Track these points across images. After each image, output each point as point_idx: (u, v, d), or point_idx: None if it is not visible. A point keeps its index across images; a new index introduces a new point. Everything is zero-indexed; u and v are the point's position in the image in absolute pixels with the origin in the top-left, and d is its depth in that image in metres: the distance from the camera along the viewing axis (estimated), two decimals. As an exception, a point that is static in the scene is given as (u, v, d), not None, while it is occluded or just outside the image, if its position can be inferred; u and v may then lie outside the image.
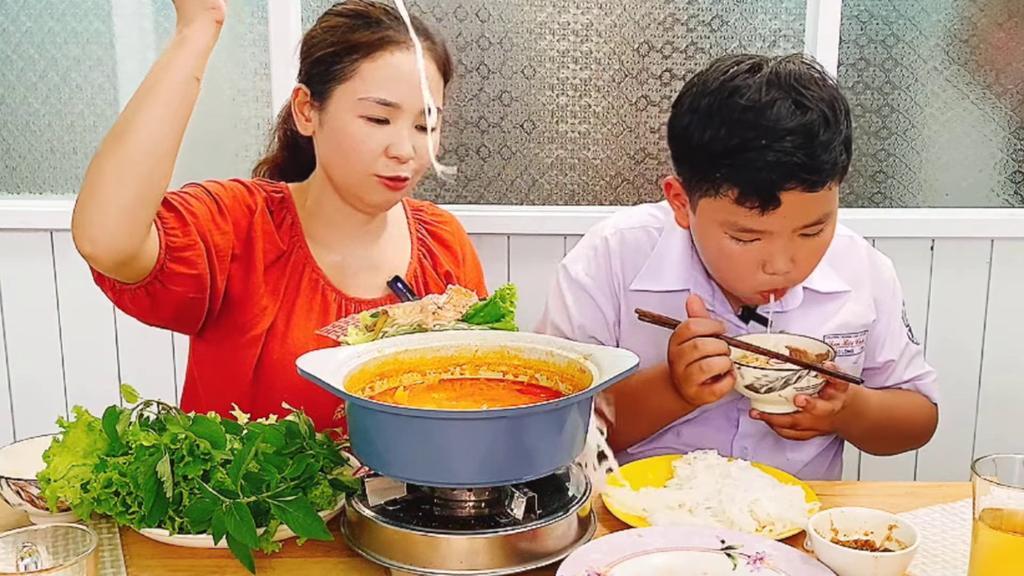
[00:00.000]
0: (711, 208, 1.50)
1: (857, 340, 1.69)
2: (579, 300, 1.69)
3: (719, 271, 1.59)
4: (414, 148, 1.56)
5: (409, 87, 1.54)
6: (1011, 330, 2.61)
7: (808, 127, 1.42)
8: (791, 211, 1.45)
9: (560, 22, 2.48)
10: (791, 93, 1.44)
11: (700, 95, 1.49)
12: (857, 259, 1.71)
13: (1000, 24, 2.53)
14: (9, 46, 2.45)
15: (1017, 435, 2.56)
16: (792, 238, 1.48)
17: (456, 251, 1.80)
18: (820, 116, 1.43)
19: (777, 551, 1.21)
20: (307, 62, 1.61)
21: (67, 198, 2.50)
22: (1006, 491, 1.09)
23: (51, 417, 1.32)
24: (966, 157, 2.60)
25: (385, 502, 1.23)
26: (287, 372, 1.55)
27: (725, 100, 1.45)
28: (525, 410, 1.17)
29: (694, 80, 1.53)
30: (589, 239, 1.73)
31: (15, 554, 1.01)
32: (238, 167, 1.99)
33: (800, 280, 1.58)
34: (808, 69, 1.48)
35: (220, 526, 1.18)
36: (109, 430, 1.27)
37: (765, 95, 1.43)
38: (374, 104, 1.53)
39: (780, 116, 1.42)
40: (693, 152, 1.50)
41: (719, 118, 1.45)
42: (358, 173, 1.57)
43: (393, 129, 1.55)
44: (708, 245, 1.55)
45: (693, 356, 1.46)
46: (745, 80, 1.46)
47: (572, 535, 1.22)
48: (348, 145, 1.56)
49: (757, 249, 1.49)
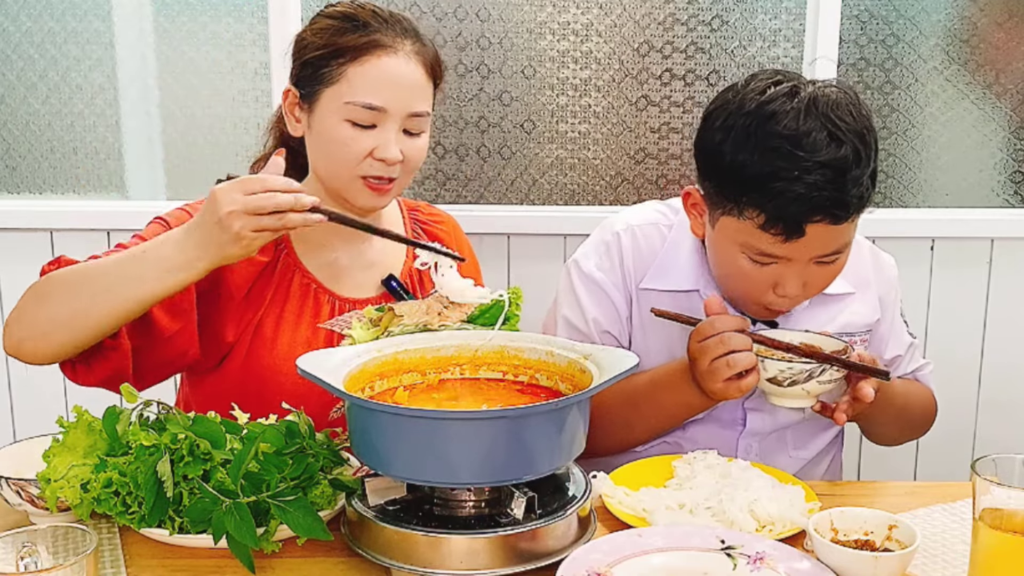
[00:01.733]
0: (732, 227, 1.49)
1: (861, 339, 1.69)
2: (592, 294, 1.68)
3: (728, 286, 1.59)
4: (401, 151, 1.56)
5: (395, 91, 1.54)
6: (1011, 330, 2.61)
7: (841, 162, 1.41)
8: (813, 241, 1.45)
9: (560, 22, 2.48)
10: (827, 124, 1.42)
11: (736, 114, 1.46)
12: (861, 260, 1.71)
13: (1000, 24, 2.53)
14: (9, 46, 2.45)
15: (1017, 435, 2.56)
16: (808, 265, 1.49)
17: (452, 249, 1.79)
18: (853, 151, 1.42)
19: (777, 551, 1.21)
20: (297, 64, 1.60)
21: (67, 198, 2.50)
22: (1006, 491, 1.09)
23: (51, 417, 1.32)
24: (966, 157, 2.60)
25: (385, 502, 1.23)
26: (277, 378, 1.56)
27: (761, 125, 1.43)
28: (525, 410, 1.17)
29: (728, 96, 1.50)
30: (599, 235, 1.73)
31: (15, 554, 1.01)
32: (238, 167, 2.00)
33: (806, 299, 1.59)
34: (844, 97, 1.47)
35: (220, 526, 1.18)
36: (109, 430, 1.27)
37: (802, 124, 1.41)
38: (360, 108, 1.53)
39: (815, 148, 1.40)
40: (723, 171, 1.48)
41: (754, 142, 1.43)
42: (344, 175, 1.57)
43: (379, 132, 1.54)
44: (722, 260, 1.55)
45: (719, 351, 1.44)
46: (783, 105, 1.44)
47: (572, 535, 1.22)
48: (334, 148, 1.56)
49: (771, 272, 1.49)
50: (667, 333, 1.62)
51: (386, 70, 1.54)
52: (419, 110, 1.57)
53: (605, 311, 1.68)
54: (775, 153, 1.41)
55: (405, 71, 1.55)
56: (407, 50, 1.56)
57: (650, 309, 1.55)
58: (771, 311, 1.57)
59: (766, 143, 1.42)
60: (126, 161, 2.52)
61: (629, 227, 1.70)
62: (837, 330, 1.66)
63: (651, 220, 1.71)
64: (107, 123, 2.50)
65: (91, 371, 1.46)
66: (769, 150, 1.42)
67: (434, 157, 2.54)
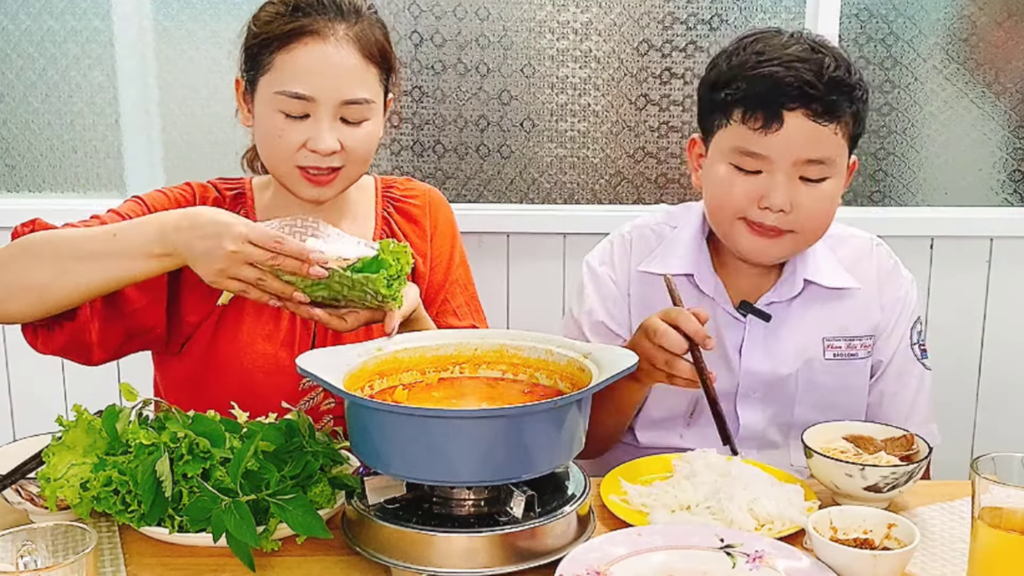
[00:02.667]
0: (722, 140, 1.56)
1: (863, 344, 1.68)
2: (595, 288, 1.72)
3: (713, 207, 1.61)
4: (340, 142, 1.50)
5: (324, 79, 1.48)
6: (1010, 329, 2.61)
7: (819, 61, 1.51)
8: (793, 137, 1.49)
9: (559, 20, 2.47)
10: (808, 42, 1.54)
11: (727, 46, 1.60)
12: (871, 263, 1.71)
13: (1000, 23, 2.53)
14: (8, 44, 2.45)
15: (1017, 433, 2.56)
16: (792, 177, 1.52)
17: (424, 224, 1.74)
18: (833, 59, 1.51)
19: (776, 550, 1.21)
20: (241, 51, 1.56)
21: (67, 197, 2.50)
22: (1005, 490, 1.09)
23: (51, 416, 1.32)
24: (965, 155, 2.60)
25: (385, 500, 1.23)
26: (240, 365, 1.55)
27: (748, 41, 1.56)
28: (525, 409, 1.17)
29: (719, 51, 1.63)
30: (610, 237, 1.78)
31: (15, 553, 1.01)
32: (238, 166, 1.99)
33: (798, 234, 1.57)
34: (830, 41, 1.59)
35: (220, 524, 1.18)
36: (109, 429, 1.27)
37: (786, 39, 1.55)
38: (288, 98, 1.48)
39: (797, 50, 1.52)
40: (712, 87, 1.58)
41: (741, 50, 1.55)
42: (282, 167, 1.53)
43: (312, 123, 1.49)
44: (711, 180, 1.59)
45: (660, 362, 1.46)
46: (767, 32, 1.57)
47: (571, 533, 1.22)
48: (269, 139, 1.52)
49: (756, 182, 1.53)
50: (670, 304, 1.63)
51: (313, 57, 1.48)
52: (353, 97, 1.50)
53: (603, 302, 1.70)
54: (758, 54, 1.53)
55: (335, 58, 1.48)
56: (339, 35, 1.49)
57: (663, 277, 1.54)
58: (761, 230, 1.55)
59: (752, 48, 1.54)
60: (126, 160, 2.52)
61: (635, 227, 1.75)
62: (835, 332, 1.66)
63: (658, 221, 1.75)
64: (107, 122, 2.50)
65: (51, 337, 1.45)
66: (754, 53, 1.53)
67: (434, 156, 2.54)
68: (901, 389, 1.71)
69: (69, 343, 1.46)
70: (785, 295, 1.65)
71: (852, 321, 1.68)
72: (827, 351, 1.67)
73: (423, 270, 1.70)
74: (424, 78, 2.50)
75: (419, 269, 1.70)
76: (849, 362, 1.67)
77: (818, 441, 1.40)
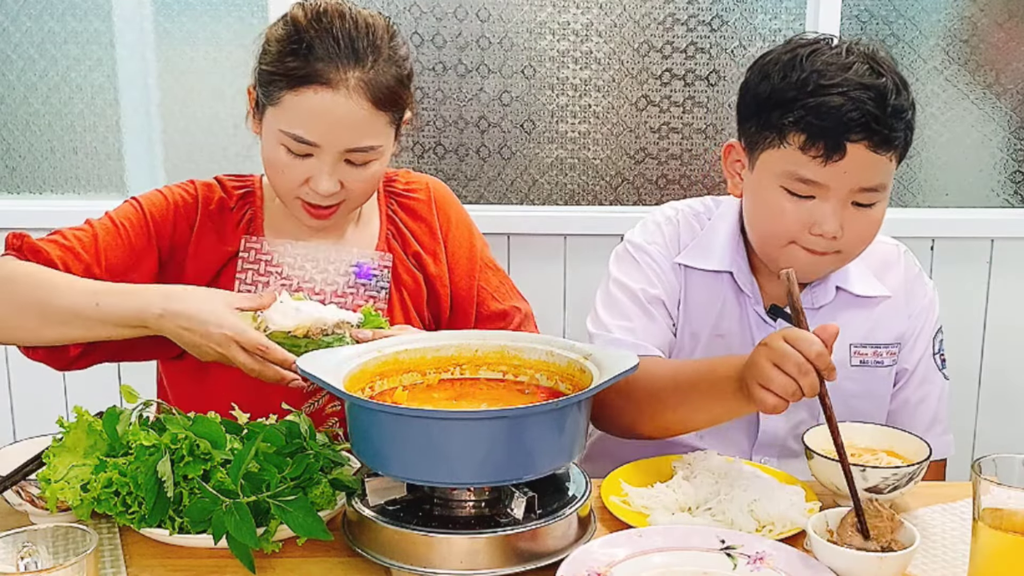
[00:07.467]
0: (773, 160, 1.50)
1: (889, 352, 1.68)
2: (644, 263, 1.68)
3: (762, 230, 1.57)
4: (342, 182, 1.50)
5: (330, 127, 1.45)
6: (1011, 330, 2.61)
7: (882, 88, 1.46)
8: (853, 167, 1.45)
9: (560, 22, 2.48)
10: (868, 60, 1.48)
11: (778, 54, 1.52)
12: (899, 273, 1.70)
13: (1000, 24, 2.53)
14: (9, 46, 2.46)
15: (1017, 435, 2.56)
16: (845, 203, 1.49)
17: (431, 221, 1.70)
18: (893, 84, 1.47)
19: (777, 551, 1.21)
20: (256, 67, 1.54)
21: (67, 198, 2.50)
22: (1006, 491, 1.09)
23: (51, 417, 1.32)
24: (966, 157, 2.60)
25: (385, 502, 1.23)
26: None
27: (806, 56, 1.49)
28: (525, 410, 1.17)
29: (768, 51, 1.56)
30: (652, 217, 1.73)
31: (15, 554, 1.01)
32: (239, 167, 1.99)
33: (843, 254, 1.55)
34: (881, 49, 1.54)
35: (220, 526, 1.18)
36: (109, 430, 1.27)
37: (844, 57, 1.48)
38: (292, 139, 1.47)
39: (857, 72, 1.46)
40: (766, 100, 1.50)
41: (799, 66, 1.48)
42: (284, 196, 1.55)
43: (315, 162, 1.48)
44: (759, 201, 1.55)
45: (799, 370, 1.27)
46: (823, 44, 1.51)
47: (572, 535, 1.22)
48: (272, 169, 1.53)
49: (809, 208, 1.49)
50: (705, 308, 1.63)
51: (321, 106, 1.45)
52: (358, 146, 1.48)
53: (657, 278, 1.66)
54: (819, 74, 1.46)
55: (343, 108, 1.45)
56: (350, 85, 1.45)
57: (785, 273, 1.34)
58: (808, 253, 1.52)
59: (811, 66, 1.47)
60: (126, 161, 2.53)
61: (677, 209, 1.73)
62: (862, 339, 1.65)
63: (695, 208, 1.73)
64: (107, 123, 2.51)
65: (29, 350, 1.51)
66: (813, 72, 1.46)
67: (434, 157, 2.54)
68: (924, 398, 1.71)
69: (48, 357, 1.51)
70: (817, 302, 1.64)
71: (879, 328, 1.67)
72: (853, 357, 1.66)
73: (434, 271, 1.68)
74: (425, 79, 2.50)
75: (429, 270, 1.68)
76: (875, 370, 1.67)
77: (819, 442, 1.40)
